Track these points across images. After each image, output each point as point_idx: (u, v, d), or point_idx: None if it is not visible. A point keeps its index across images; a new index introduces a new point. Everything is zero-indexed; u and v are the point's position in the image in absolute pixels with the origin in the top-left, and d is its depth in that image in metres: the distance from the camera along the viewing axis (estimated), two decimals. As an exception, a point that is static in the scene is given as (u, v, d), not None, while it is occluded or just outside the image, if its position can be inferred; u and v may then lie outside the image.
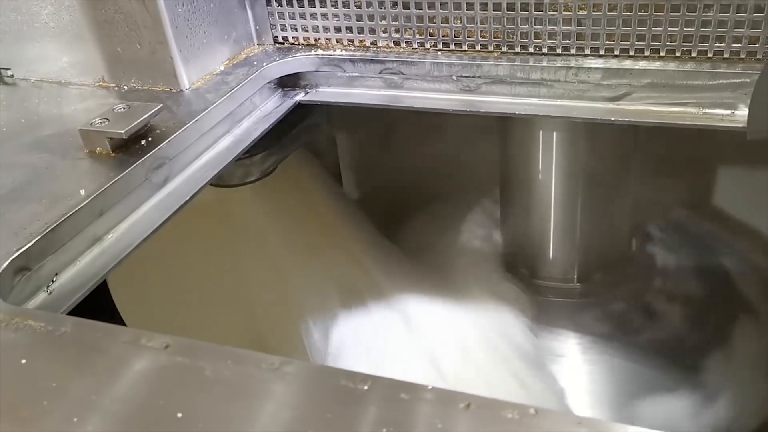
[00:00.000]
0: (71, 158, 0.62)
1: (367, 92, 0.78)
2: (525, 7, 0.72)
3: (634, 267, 1.01)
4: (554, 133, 0.87)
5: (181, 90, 0.73)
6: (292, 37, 0.82)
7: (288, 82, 0.80)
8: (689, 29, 0.68)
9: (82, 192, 0.56)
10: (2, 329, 0.43)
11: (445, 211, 1.13)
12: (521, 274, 1.02)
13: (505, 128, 0.93)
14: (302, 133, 0.97)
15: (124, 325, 0.81)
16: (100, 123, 0.62)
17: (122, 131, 0.60)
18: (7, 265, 0.49)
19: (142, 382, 0.39)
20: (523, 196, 0.97)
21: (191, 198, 0.63)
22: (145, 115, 0.63)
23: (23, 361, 0.41)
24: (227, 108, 0.71)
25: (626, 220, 0.99)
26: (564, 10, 0.71)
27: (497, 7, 0.73)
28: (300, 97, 0.79)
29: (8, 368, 0.40)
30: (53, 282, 0.53)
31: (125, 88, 0.75)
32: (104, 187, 0.57)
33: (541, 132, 0.88)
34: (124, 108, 0.64)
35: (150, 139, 0.64)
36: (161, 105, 0.64)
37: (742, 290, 0.97)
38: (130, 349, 0.41)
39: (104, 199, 0.57)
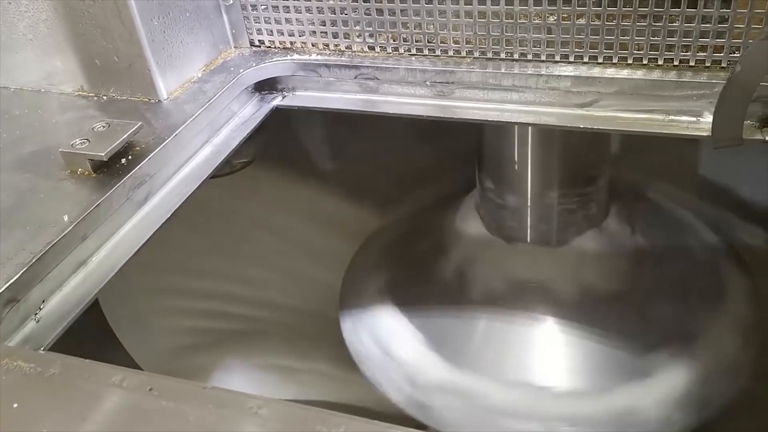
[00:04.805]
0: (53, 179, 0.64)
1: (344, 96, 0.80)
2: (496, 14, 0.73)
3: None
4: (529, 127, 0.89)
5: (159, 100, 0.74)
6: (268, 41, 0.83)
7: (265, 86, 0.82)
8: (655, 38, 0.69)
9: (66, 218, 0.58)
10: (-7, 371, 0.45)
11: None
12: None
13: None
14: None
15: (115, 336, 0.83)
16: (81, 144, 0.64)
17: (102, 153, 0.62)
18: (-3, 299, 0.51)
19: (129, 427, 0.41)
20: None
21: (171, 216, 0.65)
22: (125, 135, 0.64)
23: (15, 405, 0.43)
24: (206, 119, 0.73)
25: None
26: (535, 18, 0.72)
27: (469, 14, 0.74)
28: (277, 101, 0.81)
29: (2, 413, 0.43)
30: (41, 309, 0.55)
31: (104, 98, 0.76)
32: (87, 211, 0.59)
33: (516, 126, 0.90)
34: (103, 127, 0.66)
35: (130, 157, 0.65)
36: (140, 123, 0.66)
37: (717, 270, 1.00)
38: (116, 392, 0.43)
39: (87, 224, 0.59)
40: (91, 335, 0.81)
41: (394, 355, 0.97)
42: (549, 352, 0.95)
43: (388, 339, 1.00)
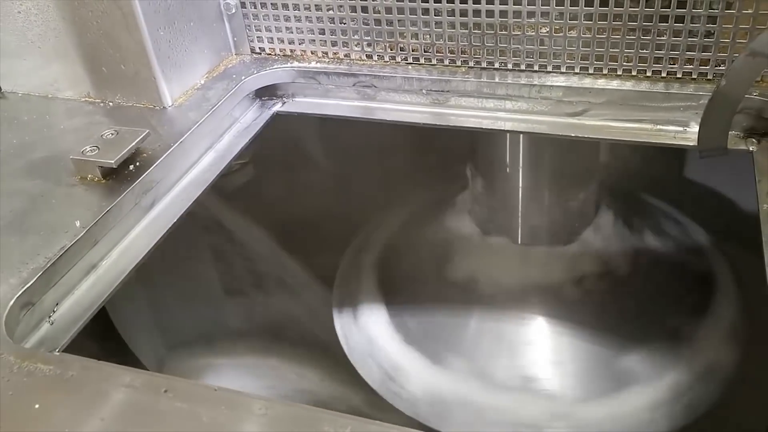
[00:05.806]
0: (64, 185, 0.66)
1: (342, 103, 0.82)
2: (491, 25, 0.75)
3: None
4: (520, 135, 0.92)
5: (164, 107, 0.77)
6: (269, 48, 0.85)
7: (265, 93, 0.84)
8: (644, 51, 0.72)
9: (78, 223, 0.60)
10: (15, 373, 0.48)
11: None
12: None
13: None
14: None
15: (119, 334, 0.85)
16: (91, 151, 0.66)
17: (112, 161, 0.64)
18: (14, 303, 0.54)
19: (148, 428, 0.44)
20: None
21: (178, 220, 0.67)
22: (133, 143, 0.66)
23: (36, 406, 0.46)
24: (210, 125, 0.75)
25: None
26: (528, 30, 0.75)
27: (464, 25, 0.76)
28: (278, 107, 0.83)
29: (25, 413, 0.45)
30: (54, 312, 0.58)
31: (110, 104, 0.78)
32: (98, 217, 0.61)
33: (508, 134, 0.93)
34: (112, 134, 0.68)
35: (138, 163, 0.68)
36: (147, 131, 0.68)
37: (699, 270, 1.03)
38: (132, 393, 0.46)
39: (98, 229, 0.61)
40: (97, 335, 0.83)
41: (387, 353, 0.99)
42: (540, 350, 0.98)
43: (381, 337, 1.02)
